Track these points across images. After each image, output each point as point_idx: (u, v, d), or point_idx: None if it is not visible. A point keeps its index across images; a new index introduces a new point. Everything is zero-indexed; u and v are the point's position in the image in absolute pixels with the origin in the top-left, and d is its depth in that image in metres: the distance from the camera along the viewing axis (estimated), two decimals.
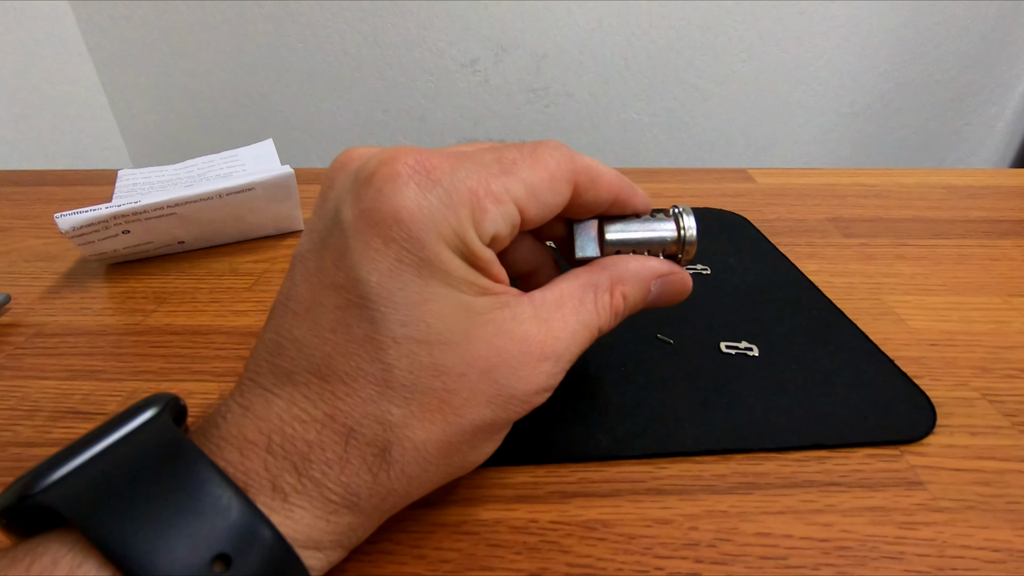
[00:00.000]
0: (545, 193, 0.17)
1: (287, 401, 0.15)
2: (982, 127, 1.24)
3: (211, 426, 0.15)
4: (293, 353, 0.16)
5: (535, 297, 0.18)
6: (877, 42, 1.13)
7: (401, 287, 0.15)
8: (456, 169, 0.16)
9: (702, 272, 0.34)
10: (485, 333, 0.16)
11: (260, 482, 0.14)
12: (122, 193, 0.40)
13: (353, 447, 0.15)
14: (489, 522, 0.19)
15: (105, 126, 1.16)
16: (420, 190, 0.15)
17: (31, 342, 0.29)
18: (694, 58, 1.14)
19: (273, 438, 0.15)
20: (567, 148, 0.18)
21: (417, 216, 0.15)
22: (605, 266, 0.19)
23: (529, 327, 0.17)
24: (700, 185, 0.48)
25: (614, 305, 0.19)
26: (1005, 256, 0.37)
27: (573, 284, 0.19)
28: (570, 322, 0.18)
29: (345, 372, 0.15)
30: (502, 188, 0.16)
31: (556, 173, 0.18)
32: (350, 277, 0.15)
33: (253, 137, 0.51)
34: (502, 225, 0.17)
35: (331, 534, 0.15)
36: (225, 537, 0.13)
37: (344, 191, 0.16)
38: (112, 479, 0.13)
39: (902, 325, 0.30)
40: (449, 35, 1.11)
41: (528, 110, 1.18)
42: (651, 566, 0.18)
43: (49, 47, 1.01)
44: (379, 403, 0.15)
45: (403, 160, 0.16)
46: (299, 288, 0.16)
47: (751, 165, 0.68)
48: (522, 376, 0.17)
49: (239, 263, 0.37)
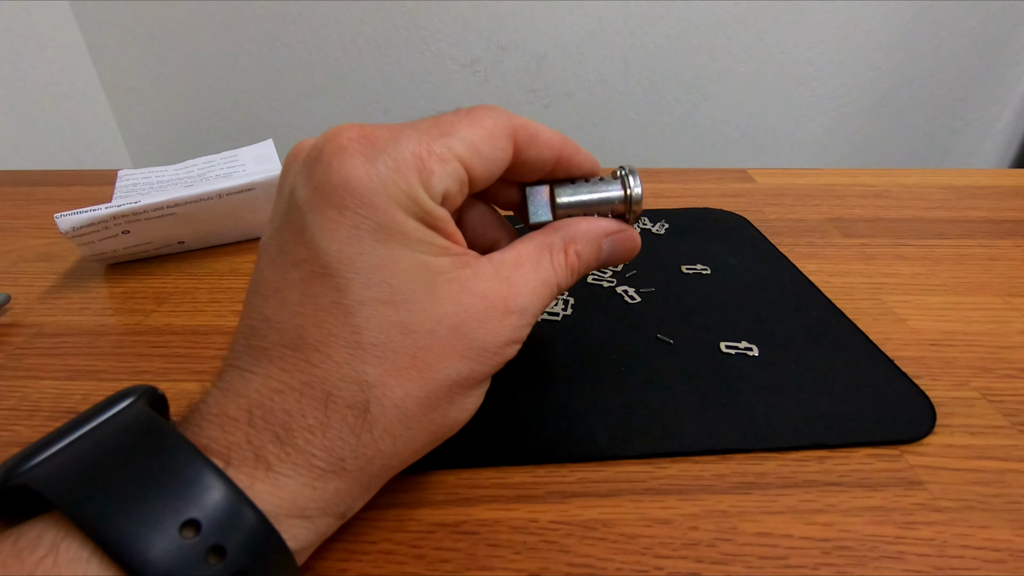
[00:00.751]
0: (487, 149, 0.18)
1: (264, 376, 0.16)
2: (982, 127, 1.24)
3: (192, 412, 0.16)
4: (266, 331, 0.16)
5: (494, 258, 0.19)
6: (877, 42, 1.13)
7: (360, 252, 0.16)
8: (398, 137, 0.17)
9: (702, 272, 0.34)
10: (449, 291, 0.17)
11: (243, 454, 0.15)
12: (122, 193, 0.40)
13: (333, 410, 0.15)
14: (489, 522, 0.19)
15: (105, 126, 1.15)
16: (366, 159, 0.16)
17: (31, 342, 0.29)
18: (694, 58, 1.14)
19: (254, 412, 0.15)
20: (503, 109, 0.19)
21: (366, 183, 0.16)
22: (558, 228, 0.20)
23: (491, 284, 0.18)
24: (700, 185, 0.48)
25: (569, 263, 0.20)
26: (1005, 256, 0.37)
27: (529, 245, 0.19)
28: (530, 279, 0.18)
29: (317, 340, 0.16)
30: (444, 148, 0.17)
31: (494, 130, 0.18)
32: (310, 250, 0.16)
33: (253, 137, 0.52)
34: (450, 183, 0.17)
35: (317, 501, 0.15)
36: (192, 504, 0.13)
37: (296, 175, 0.17)
38: (88, 460, 0.14)
39: (902, 325, 0.30)
40: (449, 35, 1.11)
41: (528, 110, 1.18)
42: (651, 566, 0.18)
43: (49, 47, 1.01)
44: (353, 365, 0.16)
45: (346, 134, 0.16)
46: (265, 272, 0.17)
47: (751, 165, 0.68)
48: (490, 329, 0.17)
49: (239, 263, 0.37)
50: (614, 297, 0.31)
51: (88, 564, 0.12)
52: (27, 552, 0.13)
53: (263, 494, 0.14)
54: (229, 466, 0.15)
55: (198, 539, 0.13)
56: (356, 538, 0.19)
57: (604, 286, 0.33)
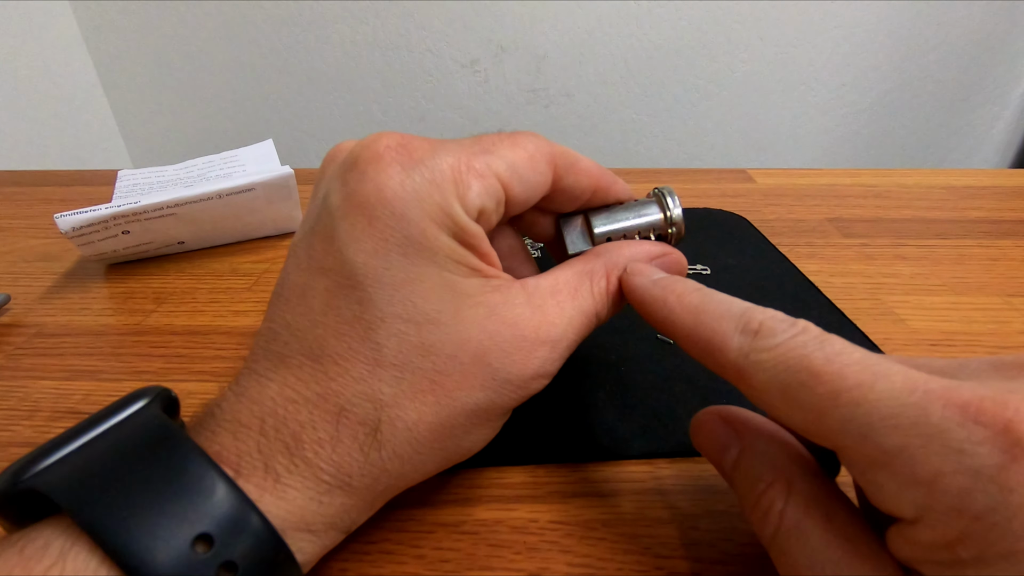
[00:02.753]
0: (526, 172, 0.18)
1: (280, 384, 0.15)
2: (982, 127, 1.24)
3: (207, 415, 0.16)
4: (287, 338, 0.16)
5: (528, 284, 0.18)
6: (877, 42, 1.13)
7: (387, 267, 0.15)
8: (437, 149, 0.16)
9: (702, 272, 0.34)
10: (476, 315, 0.16)
11: (253, 463, 0.15)
12: (122, 193, 0.40)
13: (344, 426, 0.15)
14: (489, 522, 0.19)
15: (105, 126, 1.16)
16: (403, 169, 0.16)
17: (31, 342, 0.29)
18: (694, 58, 1.14)
19: (266, 420, 0.15)
20: (543, 136, 0.19)
21: (400, 194, 0.15)
22: (599, 254, 0.19)
23: (522, 311, 0.17)
24: (700, 185, 0.48)
25: (610, 291, 0.19)
26: (1005, 256, 0.37)
27: (568, 273, 0.18)
28: (566, 308, 0.17)
29: (337, 352, 0.15)
30: (484, 164, 0.17)
31: (535, 154, 0.18)
32: (338, 259, 0.16)
33: (253, 137, 0.52)
34: (487, 200, 0.17)
35: (324, 516, 0.15)
36: (206, 518, 0.13)
37: (331, 179, 0.17)
38: (100, 465, 0.13)
39: (902, 325, 0.30)
40: (449, 35, 1.11)
41: (528, 110, 1.18)
42: (651, 566, 0.18)
43: (49, 47, 1.01)
44: (370, 382, 0.15)
45: (385, 143, 0.16)
46: (291, 276, 0.17)
47: (751, 165, 0.68)
48: (516, 360, 0.16)
49: (239, 263, 0.37)
50: None
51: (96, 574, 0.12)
52: (34, 561, 0.12)
53: (271, 507, 0.14)
54: (239, 476, 0.14)
55: (210, 555, 0.13)
56: (356, 538, 0.19)
57: None
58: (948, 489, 0.11)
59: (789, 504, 0.14)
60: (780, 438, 0.16)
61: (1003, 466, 0.11)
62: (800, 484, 0.15)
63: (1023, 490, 0.10)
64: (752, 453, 0.16)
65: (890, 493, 0.12)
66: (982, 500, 0.11)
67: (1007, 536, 0.10)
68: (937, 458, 0.11)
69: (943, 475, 0.11)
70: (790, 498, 0.14)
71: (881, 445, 0.12)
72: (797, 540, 0.14)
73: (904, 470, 0.12)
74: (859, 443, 0.12)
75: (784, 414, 0.14)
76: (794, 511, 0.14)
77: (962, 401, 0.11)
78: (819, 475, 0.15)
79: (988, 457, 0.11)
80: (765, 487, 0.15)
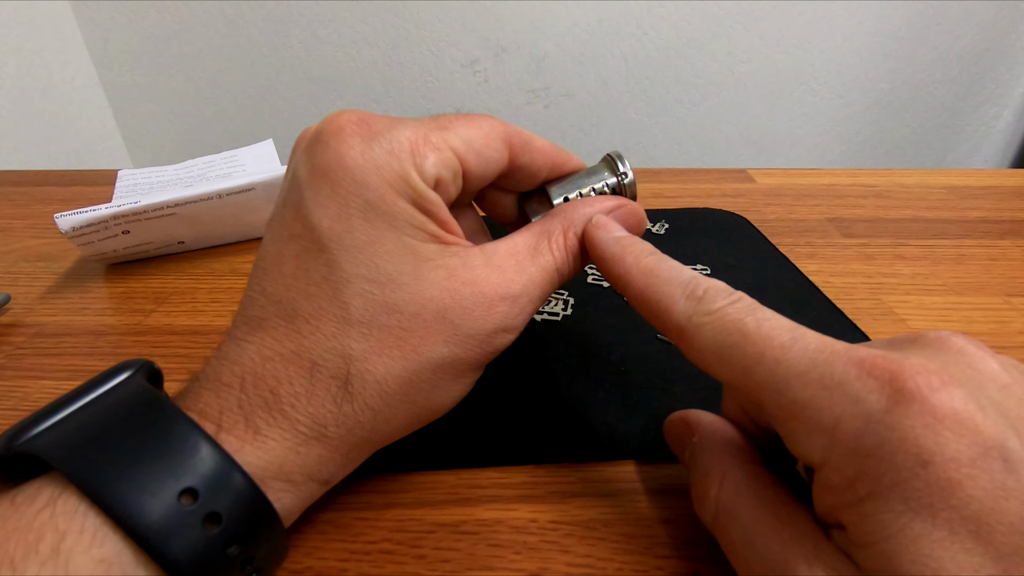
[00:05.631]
0: (482, 148, 0.19)
1: (258, 344, 0.16)
2: (982, 127, 1.24)
3: (191, 381, 0.17)
4: (263, 303, 0.17)
5: (486, 248, 0.19)
6: (877, 42, 1.13)
7: (349, 230, 0.16)
8: (396, 124, 0.17)
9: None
10: (435, 276, 0.17)
11: (234, 418, 0.16)
12: (122, 193, 0.40)
13: (318, 379, 0.16)
14: (489, 522, 0.19)
15: (105, 126, 1.15)
16: (363, 141, 0.17)
17: (31, 342, 0.29)
18: (694, 58, 1.14)
19: (246, 378, 0.16)
20: (499, 119, 0.19)
21: (360, 163, 0.17)
22: (555, 214, 0.20)
23: (480, 272, 0.18)
24: (700, 185, 0.48)
25: (569, 247, 0.19)
26: (1005, 256, 0.37)
27: (526, 235, 0.20)
28: (526, 267, 0.18)
29: (308, 312, 0.16)
30: (440, 138, 0.18)
31: (490, 132, 0.19)
32: (305, 225, 0.17)
33: (253, 137, 0.52)
34: (443, 170, 0.18)
35: (301, 466, 0.16)
36: (191, 473, 0.14)
37: (299, 155, 0.18)
38: (91, 429, 0.14)
39: (902, 325, 0.30)
40: (449, 35, 1.11)
41: (528, 110, 1.18)
42: (651, 566, 0.18)
43: (49, 47, 1.01)
44: (340, 339, 0.16)
45: (346, 118, 0.17)
46: (267, 247, 0.18)
47: (751, 165, 0.68)
48: (477, 316, 0.17)
49: (239, 263, 0.37)
50: (615, 297, 0.31)
51: (85, 517, 0.13)
52: (25, 505, 0.13)
53: (251, 457, 0.15)
54: (220, 430, 0.15)
55: (196, 507, 0.14)
56: (356, 538, 0.19)
57: (605, 286, 0.33)
58: (846, 431, 0.13)
59: (722, 489, 0.16)
60: (723, 433, 0.18)
61: (887, 410, 0.12)
62: (734, 471, 0.17)
63: (902, 429, 0.12)
64: (700, 448, 0.18)
65: (802, 440, 0.14)
66: (871, 439, 0.12)
67: (892, 468, 0.12)
68: (838, 407, 0.13)
69: (842, 420, 0.13)
70: (723, 484, 0.16)
71: (794, 397, 0.14)
72: (731, 520, 0.16)
73: (812, 418, 0.13)
74: (776, 396, 0.14)
75: (718, 371, 0.16)
76: (726, 495, 0.16)
77: (859, 358, 0.13)
78: (755, 463, 0.17)
79: (876, 403, 0.13)
80: (702, 476, 0.17)
